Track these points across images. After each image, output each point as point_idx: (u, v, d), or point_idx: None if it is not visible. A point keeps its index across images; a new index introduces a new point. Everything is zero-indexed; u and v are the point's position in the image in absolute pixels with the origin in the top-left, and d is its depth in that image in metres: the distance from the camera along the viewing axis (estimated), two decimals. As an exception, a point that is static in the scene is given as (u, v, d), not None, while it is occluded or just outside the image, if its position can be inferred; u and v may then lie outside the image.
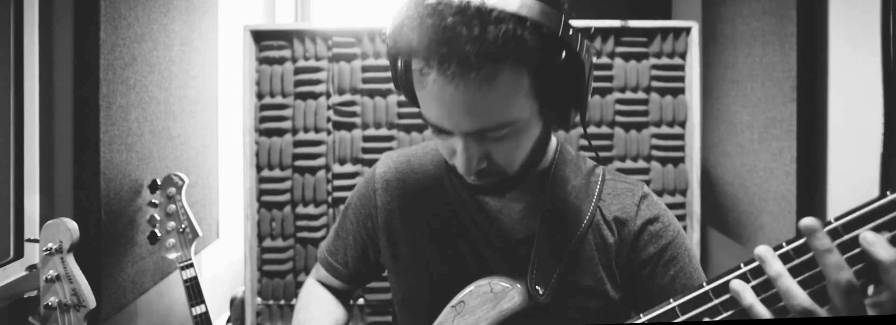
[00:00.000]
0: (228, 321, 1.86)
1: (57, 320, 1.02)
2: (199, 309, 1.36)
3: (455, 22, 0.55)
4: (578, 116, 0.68)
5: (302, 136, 1.72)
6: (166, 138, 1.60)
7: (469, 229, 0.80)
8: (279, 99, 1.72)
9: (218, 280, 2.14)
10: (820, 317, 0.49)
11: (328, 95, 1.73)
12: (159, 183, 1.36)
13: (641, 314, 0.58)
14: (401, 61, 0.64)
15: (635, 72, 1.73)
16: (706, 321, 0.55)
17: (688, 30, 1.72)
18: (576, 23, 0.61)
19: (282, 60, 1.72)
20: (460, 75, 0.55)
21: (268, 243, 1.73)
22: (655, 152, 1.74)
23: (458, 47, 0.54)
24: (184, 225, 1.37)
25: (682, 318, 0.55)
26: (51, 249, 1.02)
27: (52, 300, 1.02)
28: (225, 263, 2.21)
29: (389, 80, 1.66)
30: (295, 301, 1.33)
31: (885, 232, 0.48)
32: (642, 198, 0.79)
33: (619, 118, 1.73)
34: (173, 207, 1.37)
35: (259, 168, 1.73)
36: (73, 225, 1.03)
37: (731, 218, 1.89)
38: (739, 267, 0.53)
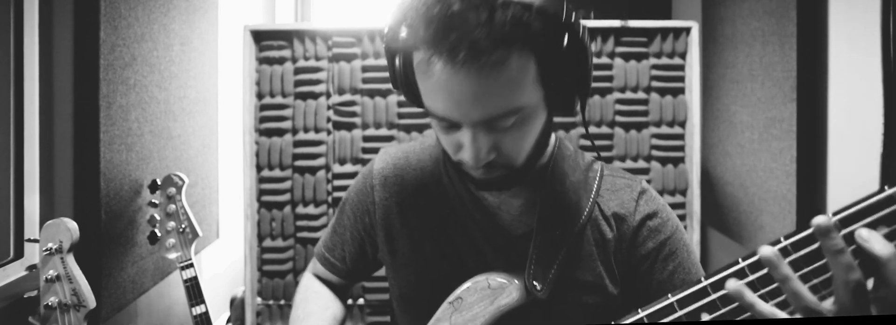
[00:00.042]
0: (228, 321, 1.86)
1: (57, 320, 1.02)
2: (199, 309, 1.36)
3: (462, 9, 0.55)
4: (579, 104, 0.68)
5: (302, 136, 1.72)
6: (166, 138, 1.60)
7: (467, 225, 0.80)
8: (279, 99, 1.73)
9: (218, 280, 2.14)
10: (820, 317, 0.49)
11: (328, 95, 1.73)
12: (159, 183, 1.36)
13: (640, 310, 0.58)
14: (400, 58, 0.64)
15: (635, 72, 1.73)
16: (704, 318, 0.55)
17: (688, 30, 1.72)
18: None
19: (282, 60, 1.73)
20: (470, 62, 0.55)
21: (268, 243, 1.73)
22: (655, 152, 1.74)
23: (468, 33, 0.55)
24: (184, 225, 1.37)
25: (681, 313, 0.55)
26: (51, 249, 1.02)
27: (52, 300, 1.02)
28: (225, 263, 2.21)
29: (389, 80, 1.65)
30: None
31: (882, 227, 0.48)
32: (641, 193, 0.79)
33: (619, 118, 1.73)
34: (173, 207, 1.37)
35: (259, 168, 1.73)
36: (73, 225, 1.03)
37: (731, 218, 1.89)
38: (737, 262, 0.54)
